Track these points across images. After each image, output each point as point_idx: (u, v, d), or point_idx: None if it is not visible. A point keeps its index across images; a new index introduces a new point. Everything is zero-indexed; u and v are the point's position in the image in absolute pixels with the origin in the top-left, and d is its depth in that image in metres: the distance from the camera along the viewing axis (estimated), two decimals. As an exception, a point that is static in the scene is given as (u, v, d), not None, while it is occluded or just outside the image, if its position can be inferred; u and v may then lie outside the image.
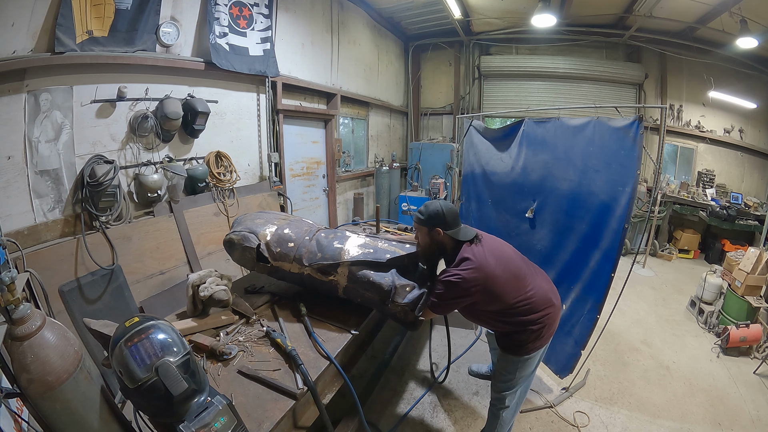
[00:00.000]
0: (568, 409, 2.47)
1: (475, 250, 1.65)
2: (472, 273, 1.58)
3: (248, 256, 1.97)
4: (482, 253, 1.64)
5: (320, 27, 4.51)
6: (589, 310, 2.36)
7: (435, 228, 1.71)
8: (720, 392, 2.68)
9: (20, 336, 0.95)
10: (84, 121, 2.39)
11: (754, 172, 5.92)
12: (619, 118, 2.27)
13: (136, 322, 1.01)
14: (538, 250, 2.74)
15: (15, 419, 0.96)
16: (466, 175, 3.61)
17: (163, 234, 2.81)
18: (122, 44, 2.49)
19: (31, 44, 2.10)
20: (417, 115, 7.46)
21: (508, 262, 1.69)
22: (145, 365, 0.94)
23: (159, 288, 2.71)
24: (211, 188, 3.21)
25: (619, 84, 6.17)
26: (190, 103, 2.86)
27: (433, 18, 5.93)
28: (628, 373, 2.87)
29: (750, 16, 4.28)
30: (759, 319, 3.21)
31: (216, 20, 3.04)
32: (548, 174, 2.70)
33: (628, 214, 2.15)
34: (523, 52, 6.58)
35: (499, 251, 1.71)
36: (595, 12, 5.45)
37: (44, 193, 2.22)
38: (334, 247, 1.90)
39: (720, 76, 5.64)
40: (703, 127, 6.01)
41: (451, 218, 1.71)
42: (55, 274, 2.17)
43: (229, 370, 1.47)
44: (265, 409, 1.28)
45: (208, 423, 0.98)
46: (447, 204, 1.75)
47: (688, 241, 5.75)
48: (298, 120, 4.42)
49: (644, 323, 3.67)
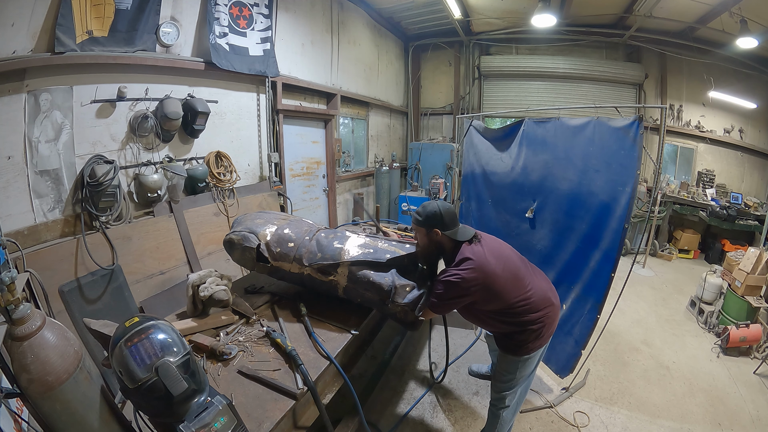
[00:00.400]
0: (568, 409, 2.47)
1: (475, 250, 1.65)
2: (471, 273, 1.58)
3: (248, 256, 1.97)
4: (482, 252, 1.64)
5: (320, 27, 4.51)
6: (589, 310, 2.36)
7: (433, 229, 1.71)
8: (720, 392, 2.68)
9: (20, 336, 0.95)
10: (84, 121, 2.39)
11: (754, 172, 5.92)
12: (619, 118, 2.27)
13: (136, 322, 1.01)
14: (538, 250, 2.74)
15: (15, 419, 0.96)
16: (466, 175, 3.61)
17: (163, 234, 2.81)
18: (122, 44, 2.49)
19: (31, 44, 2.10)
20: (417, 115, 7.46)
21: (507, 262, 1.69)
22: (145, 365, 0.94)
23: (159, 288, 2.71)
24: (211, 188, 3.21)
25: (619, 84, 6.17)
26: (190, 103, 2.86)
27: (433, 18, 5.93)
28: (628, 373, 2.88)
29: (750, 16, 4.28)
30: (759, 319, 3.21)
31: (216, 20, 3.04)
32: (548, 174, 2.70)
33: (628, 214, 2.15)
34: (523, 52, 6.58)
35: (498, 251, 1.71)
36: (595, 12, 5.45)
37: (44, 193, 2.22)
38: (334, 247, 1.90)
39: (720, 76, 5.64)
40: (703, 127, 6.01)
41: (449, 219, 1.71)
42: (55, 274, 2.17)
43: (229, 370, 1.47)
44: (265, 409, 1.28)
45: (208, 423, 0.98)
46: (445, 204, 1.75)
47: (688, 241, 5.75)
48: (298, 120, 4.42)
49: (644, 323, 3.67)
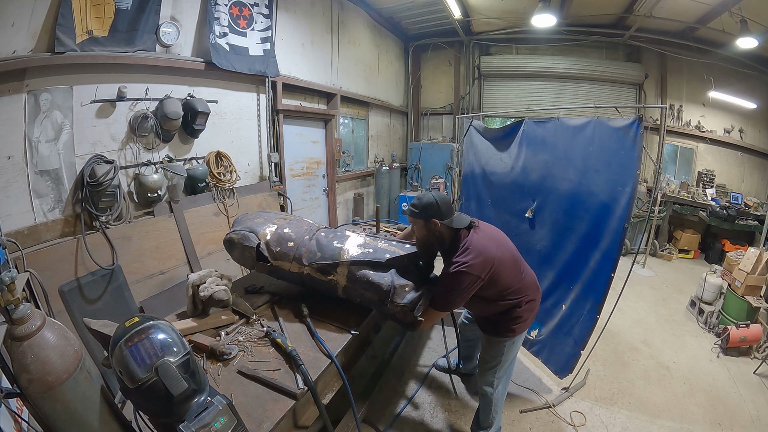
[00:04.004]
0: (568, 409, 2.47)
1: (476, 237, 1.69)
2: (477, 258, 1.61)
3: (248, 255, 1.97)
4: (483, 238, 1.69)
5: (320, 27, 4.51)
6: (589, 310, 2.36)
7: (431, 219, 1.70)
8: (720, 392, 2.68)
9: (20, 336, 0.95)
10: (84, 121, 2.39)
11: (754, 172, 5.92)
12: (619, 118, 2.27)
13: (136, 322, 1.01)
14: (538, 250, 2.74)
15: (15, 419, 0.96)
16: (466, 175, 3.61)
17: (163, 234, 2.81)
18: (122, 44, 2.49)
19: (31, 44, 2.10)
20: (417, 115, 7.46)
21: (505, 246, 1.78)
22: (145, 365, 0.94)
23: (159, 288, 2.71)
24: (211, 188, 3.21)
25: (619, 84, 6.17)
26: (190, 103, 2.86)
27: (433, 18, 5.92)
28: (628, 373, 2.87)
29: (750, 16, 4.28)
30: (759, 319, 3.21)
31: (216, 20, 3.04)
32: (548, 174, 2.70)
33: (628, 214, 2.15)
34: (523, 52, 6.58)
35: (495, 236, 1.79)
36: (595, 12, 5.45)
37: (44, 193, 2.22)
38: (334, 246, 1.90)
39: (720, 76, 5.64)
40: (703, 127, 6.01)
41: (445, 208, 1.71)
42: (55, 274, 2.17)
43: (229, 370, 1.47)
44: (265, 409, 1.28)
45: (208, 423, 0.98)
46: (439, 194, 1.76)
47: (688, 241, 5.75)
48: (298, 120, 4.42)
49: (644, 323, 3.67)
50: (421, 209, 1.72)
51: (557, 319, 2.58)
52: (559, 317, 2.57)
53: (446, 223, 1.70)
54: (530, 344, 2.78)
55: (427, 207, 1.70)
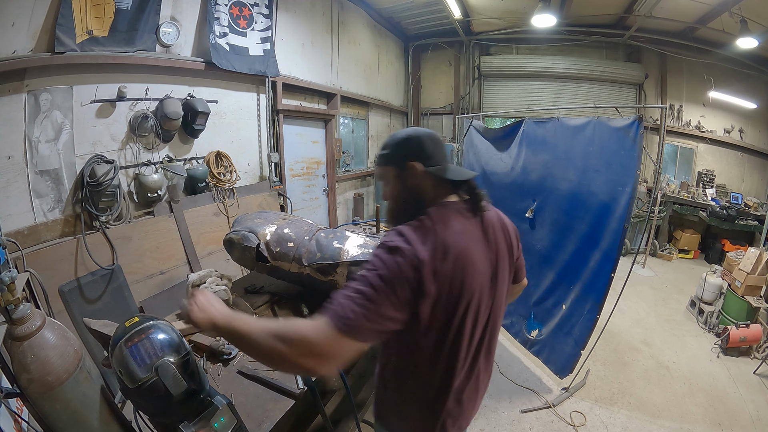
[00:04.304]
0: (568, 409, 2.47)
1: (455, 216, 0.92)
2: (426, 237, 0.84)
3: (248, 255, 1.97)
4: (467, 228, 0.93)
5: (320, 27, 4.51)
6: (589, 310, 2.36)
7: (408, 161, 0.96)
8: (720, 392, 2.68)
9: (20, 336, 0.95)
10: (84, 121, 2.39)
11: (754, 172, 5.92)
12: (619, 118, 2.27)
13: (136, 322, 1.01)
14: (538, 250, 2.74)
15: (15, 419, 0.96)
16: (466, 175, 3.60)
17: (163, 234, 2.81)
18: (122, 44, 2.49)
19: (31, 44, 2.10)
20: (417, 115, 7.46)
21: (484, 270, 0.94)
22: (145, 365, 0.94)
23: (159, 288, 2.71)
24: (211, 188, 3.21)
25: (619, 84, 6.16)
26: (190, 103, 2.86)
27: (433, 18, 5.92)
28: (628, 373, 2.88)
29: (750, 16, 4.28)
30: (759, 319, 3.21)
31: (216, 20, 3.04)
32: (548, 174, 2.70)
33: (628, 214, 2.15)
34: (523, 52, 6.57)
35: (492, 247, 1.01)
36: (595, 12, 5.45)
37: (44, 193, 2.22)
38: (334, 247, 1.90)
39: (720, 76, 5.64)
40: (703, 127, 6.01)
41: (432, 146, 0.98)
42: (55, 274, 2.17)
43: (229, 370, 1.47)
44: (265, 409, 1.28)
45: (208, 423, 0.98)
46: (425, 129, 1.03)
47: (688, 241, 5.75)
48: (298, 120, 4.42)
49: (644, 323, 3.67)
50: (392, 148, 1.00)
51: (557, 319, 2.59)
52: (559, 317, 2.57)
53: (434, 171, 0.96)
54: (530, 344, 2.78)
55: (402, 144, 0.99)
